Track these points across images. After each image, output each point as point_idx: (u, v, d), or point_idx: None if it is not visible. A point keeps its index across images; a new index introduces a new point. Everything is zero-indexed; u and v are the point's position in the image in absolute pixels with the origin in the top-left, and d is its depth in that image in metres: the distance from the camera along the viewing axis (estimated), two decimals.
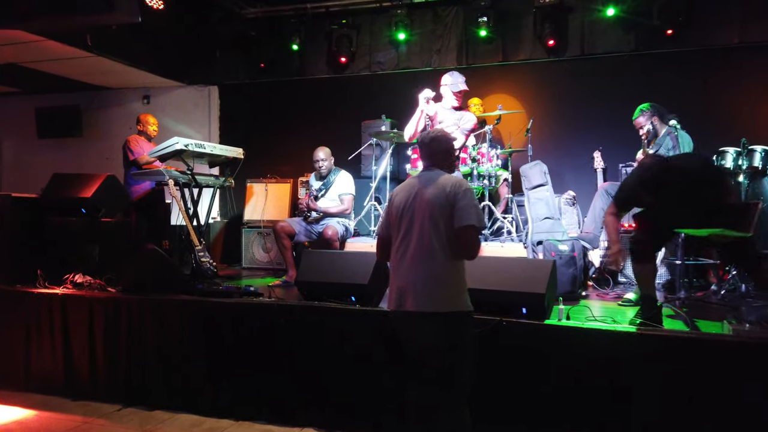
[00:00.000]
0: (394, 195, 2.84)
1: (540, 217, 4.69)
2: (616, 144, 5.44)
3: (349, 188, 5.17)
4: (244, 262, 6.54)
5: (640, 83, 5.61)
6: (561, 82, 5.94)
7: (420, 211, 2.65)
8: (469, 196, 2.64)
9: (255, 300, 4.00)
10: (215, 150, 5.38)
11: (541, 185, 4.86)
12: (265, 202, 6.61)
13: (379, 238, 2.93)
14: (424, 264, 2.62)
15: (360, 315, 3.67)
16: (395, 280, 2.73)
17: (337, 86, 6.86)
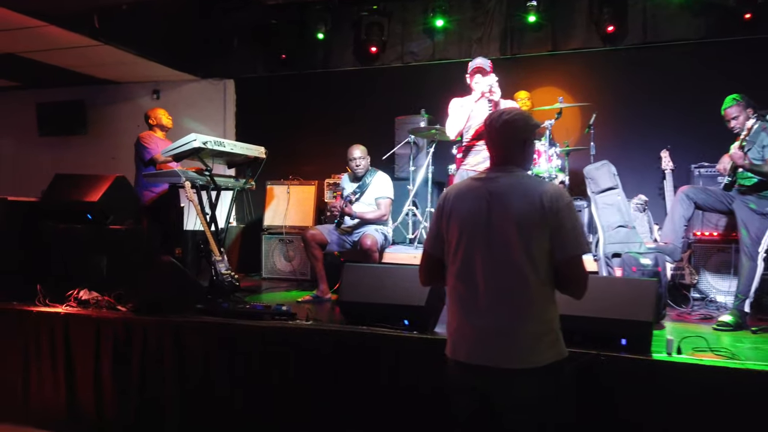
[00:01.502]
0: (447, 201, 2.10)
1: (612, 225, 4.10)
2: (686, 142, 4.86)
3: (388, 191, 4.59)
4: (264, 272, 5.96)
5: (711, 74, 5.01)
6: (619, 74, 5.35)
7: (500, 228, 1.94)
8: (574, 215, 1.96)
9: (291, 324, 3.41)
10: (235, 148, 4.81)
11: (611, 188, 4.26)
12: (287, 206, 6.03)
13: (426, 255, 2.19)
14: (513, 302, 1.92)
15: (423, 344, 3.08)
16: (459, 319, 2.03)
17: (365, 79, 6.27)
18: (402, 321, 3.32)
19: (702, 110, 4.92)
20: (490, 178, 2.05)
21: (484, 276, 1.96)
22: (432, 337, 3.13)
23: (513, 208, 1.95)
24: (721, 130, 4.91)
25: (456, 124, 3.88)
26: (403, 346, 3.10)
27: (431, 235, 2.16)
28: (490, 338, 1.95)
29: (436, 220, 2.13)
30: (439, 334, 3.20)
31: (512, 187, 1.99)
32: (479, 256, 1.97)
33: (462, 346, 2.01)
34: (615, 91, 5.30)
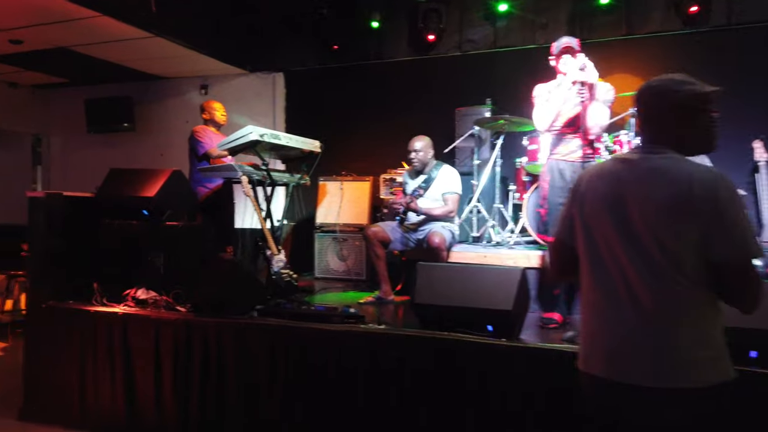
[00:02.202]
0: (581, 185, 1.81)
1: None
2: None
3: (455, 186, 4.30)
4: (316, 272, 5.74)
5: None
6: (700, 59, 4.92)
7: (640, 220, 1.63)
8: (738, 208, 1.58)
9: (362, 327, 3.16)
10: (291, 142, 4.60)
11: None
12: (340, 203, 5.80)
13: (558, 244, 1.90)
14: (659, 309, 1.60)
15: (513, 354, 2.79)
16: (593, 326, 1.73)
17: (421, 69, 5.98)
18: (485, 326, 3.04)
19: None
20: (632, 160, 1.72)
21: (623, 277, 1.66)
22: (522, 345, 2.83)
23: (656, 196, 1.62)
24: None
25: (547, 115, 3.52)
26: (490, 355, 2.82)
27: (563, 221, 1.87)
28: (632, 351, 1.64)
29: (569, 204, 1.84)
30: (527, 342, 2.90)
31: (657, 171, 1.65)
32: (617, 252, 1.67)
33: (597, 359, 1.71)
34: (696, 78, 4.89)
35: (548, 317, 3.52)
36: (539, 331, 3.43)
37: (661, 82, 1.73)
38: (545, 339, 3.26)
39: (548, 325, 3.48)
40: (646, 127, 1.76)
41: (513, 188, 4.76)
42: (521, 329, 3.11)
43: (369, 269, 5.51)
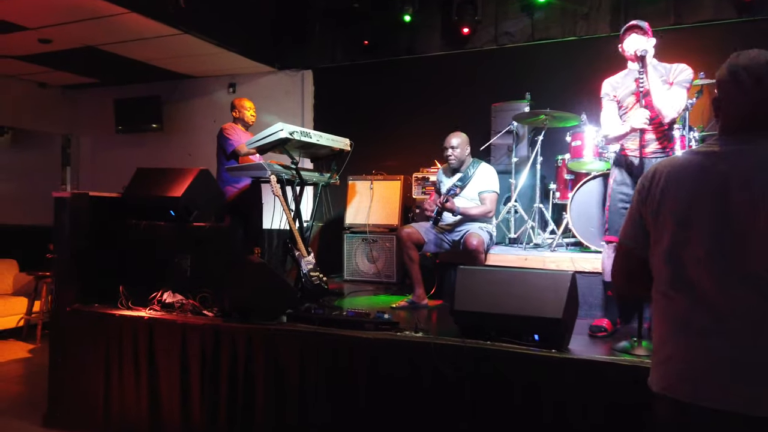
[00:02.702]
0: (657, 180, 1.54)
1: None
2: None
3: (493, 184, 4.07)
4: (346, 274, 5.57)
5: None
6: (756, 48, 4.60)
7: (743, 219, 1.39)
8: None
9: (399, 335, 2.96)
10: (321, 140, 4.44)
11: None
12: (370, 203, 5.61)
13: (624, 251, 1.65)
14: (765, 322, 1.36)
15: (565, 367, 2.56)
16: (676, 342, 1.49)
17: (455, 64, 5.76)
18: (532, 336, 2.82)
19: None
20: (727, 152, 1.47)
21: (716, 284, 1.42)
22: (576, 357, 2.60)
23: (764, 191, 1.37)
24: None
25: (614, 121, 3.23)
26: (540, 368, 2.59)
27: (631, 223, 1.62)
28: (729, 372, 1.40)
29: (638, 204, 1.59)
30: (580, 354, 2.66)
31: (764, 162, 1.42)
32: (709, 255, 1.43)
33: (683, 381, 1.47)
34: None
35: (597, 324, 3.27)
36: (587, 339, 3.18)
37: (758, 57, 1.48)
38: (595, 349, 3.02)
39: (597, 333, 3.23)
40: (739, 111, 1.51)
41: (553, 187, 4.50)
42: (569, 340, 2.87)
43: (399, 271, 5.33)
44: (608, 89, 3.30)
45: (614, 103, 3.26)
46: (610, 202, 3.27)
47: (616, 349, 2.93)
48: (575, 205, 3.95)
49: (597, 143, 4.02)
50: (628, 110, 3.21)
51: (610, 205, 3.25)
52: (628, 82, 3.22)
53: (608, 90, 3.29)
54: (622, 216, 3.20)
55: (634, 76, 3.20)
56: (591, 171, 4.23)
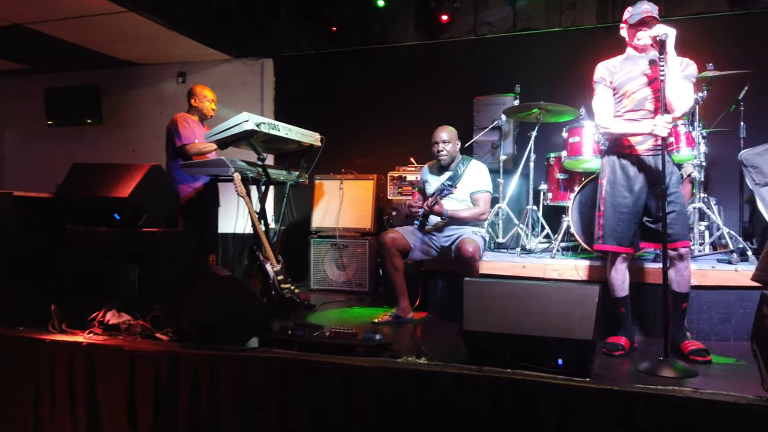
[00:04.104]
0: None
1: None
2: None
3: (486, 184, 3.67)
4: (312, 282, 5.06)
5: None
6: (746, 42, 4.40)
7: None
8: None
9: (400, 362, 2.49)
10: (290, 134, 3.96)
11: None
12: (340, 204, 5.13)
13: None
14: None
15: (598, 398, 2.16)
16: None
17: (432, 54, 5.37)
18: (555, 360, 2.42)
19: None
20: None
21: None
22: (605, 387, 2.21)
23: None
24: None
25: (610, 110, 2.90)
26: (576, 399, 2.19)
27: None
28: None
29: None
30: (618, 383, 2.28)
31: None
32: None
33: None
34: (741, 64, 4.35)
35: (614, 342, 2.91)
36: (604, 359, 2.81)
37: None
38: (618, 371, 2.67)
39: (614, 352, 2.88)
40: None
41: (544, 187, 4.15)
42: (593, 361, 2.49)
43: (372, 280, 4.90)
44: (604, 73, 2.93)
45: (610, 89, 2.91)
46: (605, 206, 2.91)
47: (642, 371, 2.59)
48: (577, 207, 3.60)
49: (597, 139, 3.69)
50: (625, 97, 2.87)
51: (606, 209, 2.90)
52: (628, 68, 2.88)
53: (604, 74, 2.93)
54: (622, 222, 2.87)
55: (635, 62, 2.88)
56: (589, 170, 3.91)
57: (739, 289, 3.21)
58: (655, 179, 2.81)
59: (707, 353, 2.75)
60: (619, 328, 2.97)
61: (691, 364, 2.68)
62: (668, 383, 2.39)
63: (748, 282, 3.20)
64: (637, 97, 2.84)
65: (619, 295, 2.94)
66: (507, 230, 4.28)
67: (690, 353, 2.76)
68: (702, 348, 2.77)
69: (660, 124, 2.64)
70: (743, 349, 3.03)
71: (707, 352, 2.76)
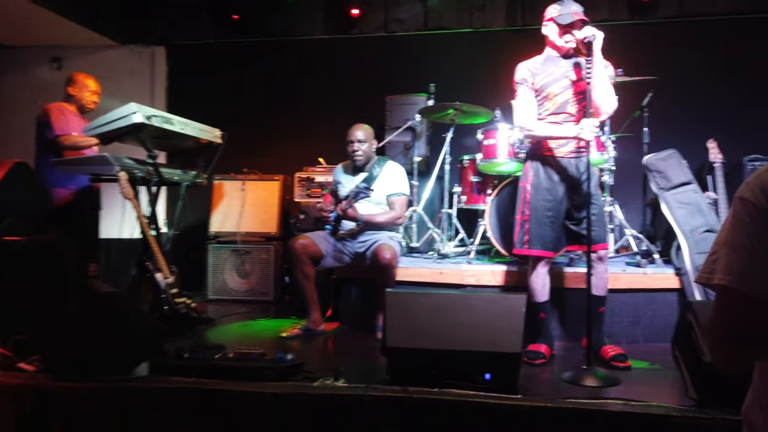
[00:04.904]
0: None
1: (696, 229, 3.28)
2: (736, 131, 4.20)
3: (403, 186, 3.48)
4: (210, 292, 4.65)
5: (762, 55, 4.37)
6: (649, 51, 4.55)
7: None
8: None
9: (317, 386, 2.22)
10: (186, 129, 3.58)
11: (686, 183, 3.47)
12: (242, 207, 4.75)
13: (743, 301, 0.99)
14: None
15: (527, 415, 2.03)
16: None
17: (341, 50, 5.11)
18: (482, 375, 2.27)
19: (754, 95, 4.30)
20: None
21: None
22: (539, 405, 2.08)
23: None
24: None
25: (533, 112, 2.81)
26: (503, 417, 2.04)
27: (755, 257, 0.99)
28: None
29: (762, 230, 0.99)
30: (537, 397, 2.16)
31: None
32: None
33: None
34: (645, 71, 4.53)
35: (534, 350, 2.83)
36: (526, 368, 2.71)
37: None
38: (539, 380, 2.58)
39: (535, 360, 2.79)
40: None
41: (458, 190, 4.05)
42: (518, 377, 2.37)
43: (277, 288, 4.59)
44: (526, 74, 2.84)
45: (532, 91, 2.84)
46: (530, 210, 2.83)
47: (565, 380, 2.52)
48: (494, 211, 3.51)
49: (512, 142, 3.63)
50: (547, 99, 2.81)
51: (532, 213, 2.83)
52: (549, 70, 2.81)
53: (526, 75, 2.84)
54: (547, 226, 2.83)
55: (556, 63, 2.82)
56: (504, 173, 3.84)
57: (647, 291, 3.27)
58: (577, 182, 2.76)
59: (626, 358, 2.74)
60: (539, 335, 2.90)
61: (612, 370, 2.65)
62: (593, 393, 2.33)
63: (657, 284, 3.28)
64: (560, 100, 2.78)
65: (539, 300, 2.86)
66: (421, 234, 4.13)
67: (611, 359, 2.74)
68: (621, 353, 2.76)
69: (586, 128, 2.59)
70: (653, 351, 3.09)
71: (626, 357, 2.74)
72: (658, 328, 3.24)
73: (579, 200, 2.75)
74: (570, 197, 2.80)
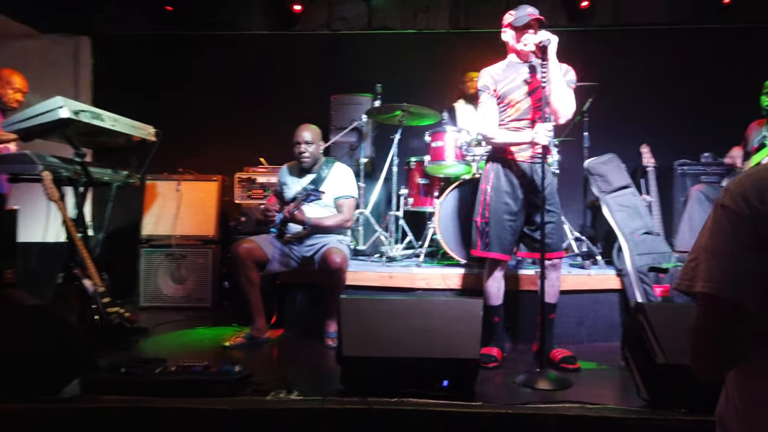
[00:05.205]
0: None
1: (635, 231, 3.39)
2: (668, 136, 4.40)
3: (351, 189, 3.39)
4: (142, 299, 4.38)
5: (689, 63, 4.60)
6: (589, 58, 4.65)
7: None
8: None
9: (270, 400, 2.10)
10: (117, 125, 3.36)
11: (625, 187, 3.58)
12: (177, 209, 4.50)
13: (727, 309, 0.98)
14: None
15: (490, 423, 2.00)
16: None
17: (283, 47, 4.95)
18: (439, 382, 2.23)
19: (684, 102, 4.52)
20: None
21: None
22: (500, 411, 2.06)
23: None
24: (705, 124, 4.52)
25: (493, 117, 2.81)
26: (464, 425, 2.00)
27: (736, 264, 0.98)
28: None
29: (742, 237, 0.98)
30: (497, 403, 2.14)
31: None
32: None
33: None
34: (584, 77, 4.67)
35: (486, 353, 2.82)
36: (480, 372, 2.67)
37: None
38: (493, 385, 2.58)
39: (488, 364, 2.78)
40: None
41: (404, 192, 4.00)
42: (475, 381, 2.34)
43: (215, 293, 4.39)
44: (488, 81, 2.83)
45: (494, 98, 2.83)
46: (489, 212, 2.83)
47: (519, 384, 2.52)
48: (443, 214, 3.48)
49: (460, 145, 3.63)
50: (510, 106, 2.81)
51: (492, 216, 2.82)
52: (511, 76, 2.82)
53: (488, 82, 2.84)
54: (506, 230, 2.83)
55: (517, 69, 2.83)
56: (451, 175, 3.83)
57: (591, 292, 3.35)
58: (536, 187, 2.77)
59: (575, 360, 2.77)
60: (491, 338, 2.89)
61: (563, 372, 2.68)
62: (547, 396, 2.34)
63: (600, 285, 3.37)
64: (522, 106, 2.78)
65: (494, 303, 2.86)
66: (367, 237, 4.06)
67: (560, 361, 2.77)
68: (570, 355, 2.79)
69: (541, 133, 2.60)
70: (598, 351, 3.16)
71: (575, 359, 2.78)
72: (601, 328, 3.33)
73: (537, 205, 2.75)
74: (529, 202, 2.80)
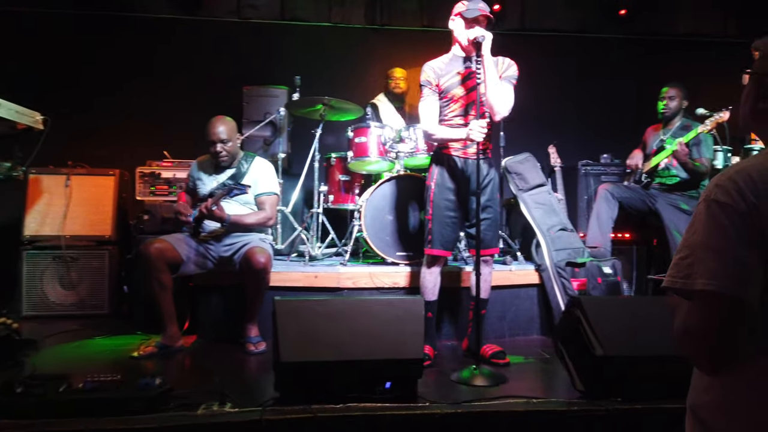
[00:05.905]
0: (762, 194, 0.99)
1: (551, 227, 3.51)
2: (573, 137, 4.64)
3: (273, 185, 3.20)
4: (25, 308, 3.89)
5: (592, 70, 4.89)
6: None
7: None
8: None
9: (202, 414, 1.90)
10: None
11: (541, 185, 3.71)
12: (67, 206, 4.04)
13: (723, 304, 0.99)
14: None
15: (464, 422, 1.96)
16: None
17: (190, 33, 4.64)
18: (382, 384, 2.15)
19: (587, 105, 4.79)
20: None
21: None
22: (451, 411, 2.02)
23: None
24: (606, 127, 4.81)
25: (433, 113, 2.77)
26: (416, 427, 1.94)
27: (737, 260, 0.98)
28: None
29: (740, 233, 0.98)
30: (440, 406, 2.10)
31: None
32: None
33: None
34: None
35: None
36: None
37: None
38: (431, 383, 2.53)
39: (423, 362, 2.73)
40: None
41: (324, 189, 3.87)
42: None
43: (112, 299, 4.00)
44: (431, 76, 2.78)
45: (436, 93, 2.79)
46: (433, 209, 2.80)
47: (454, 381, 2.51)
48: (369, 212, 3.39)
49: (383, 141, 3.57)
50: (453, 101, 2.79)
51: (435, 212, 2.79)
52: (454, 71, 2.80)
53: (430, 77, 2.78)
54: (448, 227, 2.81)
55: (460, 64, 2.81)
56: (374, 172, 3.76)
57: (512, 288, 3.42)
58: (478, 183, 2.76)
59: (505, 355, 2.81)
60: (425, 335, 2.85)
61: (495, 367, 2.70)
62: (485, 392, 2.34)
63: (520, 280, 3.45)
64: (464, 102, 2.76)
65: (429, 299, 2.82)
66: (286, 235, 3.88)
67: (491, 357, 2.79)
68: (500, 350, 2.83)
69: (475, 129, 2.59)
70: (520, 344, 3.24)
71: (505, 353, 2.82)
72: (521, 321, 3.42)
73: (477, 200, 2.74)
74: (470, 198, 2.79)
